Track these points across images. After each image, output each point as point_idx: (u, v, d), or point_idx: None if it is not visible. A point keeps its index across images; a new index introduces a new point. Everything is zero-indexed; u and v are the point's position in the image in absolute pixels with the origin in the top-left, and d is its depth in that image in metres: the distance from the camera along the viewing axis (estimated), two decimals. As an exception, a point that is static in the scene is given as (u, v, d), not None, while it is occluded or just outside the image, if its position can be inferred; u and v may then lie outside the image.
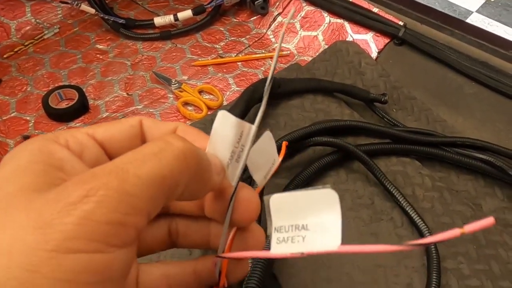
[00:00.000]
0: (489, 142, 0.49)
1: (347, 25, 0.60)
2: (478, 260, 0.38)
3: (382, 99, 0.51)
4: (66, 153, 0.16)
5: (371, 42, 0.58)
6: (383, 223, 0.40)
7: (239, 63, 0.59)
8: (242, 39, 0.63)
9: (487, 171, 0.47)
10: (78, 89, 0.51)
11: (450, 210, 0.42)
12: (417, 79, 0.56)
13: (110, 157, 0.18)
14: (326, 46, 0.59)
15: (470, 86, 0.53)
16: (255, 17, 0.65)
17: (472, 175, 0.48)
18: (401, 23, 0.57)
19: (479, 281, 0.37)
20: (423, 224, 0.39)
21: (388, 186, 0.41)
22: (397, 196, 0.41)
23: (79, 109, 0.50)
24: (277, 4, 0.64)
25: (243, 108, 0.43)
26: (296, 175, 0.41)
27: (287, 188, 0.40)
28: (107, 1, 0.63)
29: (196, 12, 0.63)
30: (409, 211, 0.40)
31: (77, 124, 0.50)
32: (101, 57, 0.59)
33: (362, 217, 0.41)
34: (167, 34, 0.61)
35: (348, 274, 0.36)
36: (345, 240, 0.40)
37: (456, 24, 0.56)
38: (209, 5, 0.63)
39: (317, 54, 0.58)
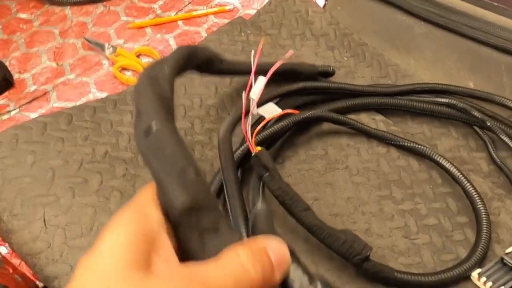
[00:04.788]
0: (448, 84, 0.47)
1: (291, -27, 0.56)
2: (435, 199, 0.37)
3: (330, 70, 0.47)
4: (155, 224, 0.18)
5: (317, -11, 0.55)
6: (339, 172, 0.39)
7: (180, 22, 0.54)
8: (182, -4, 0.58)
9: (449, 114, 0.46)
10: (-1, 63, 0.46)
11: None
12: (367, 24, 0.54)
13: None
14: (271, -3, 0.56)
15: (419, 26, 0.51)
16: (194, -28, 0.60)
17: (426, 117, 0.47)
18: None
19: (437, 220, 0.36)
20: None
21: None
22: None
23: (1, 85, 0.45)
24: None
25: (180, 69, 0.35)
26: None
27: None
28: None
29: (127, -31, 0.57)
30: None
31: (1, 101, 0.45)
32: (24, 27, 0.53)
33: (317, 168, 0.39)
34: (97, -4, 0.56)
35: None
36: (300, 192, 0.37)
37: (402, -38, 0.53)
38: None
39: (263, 5, 0.55)
